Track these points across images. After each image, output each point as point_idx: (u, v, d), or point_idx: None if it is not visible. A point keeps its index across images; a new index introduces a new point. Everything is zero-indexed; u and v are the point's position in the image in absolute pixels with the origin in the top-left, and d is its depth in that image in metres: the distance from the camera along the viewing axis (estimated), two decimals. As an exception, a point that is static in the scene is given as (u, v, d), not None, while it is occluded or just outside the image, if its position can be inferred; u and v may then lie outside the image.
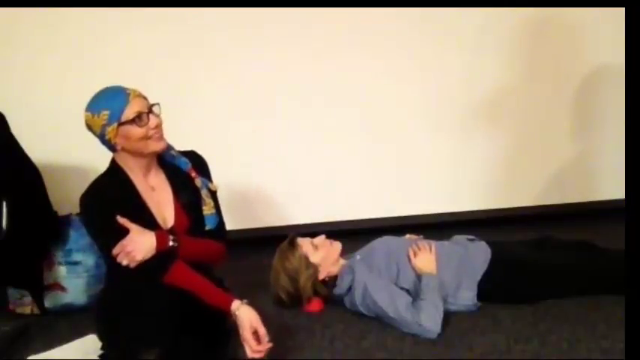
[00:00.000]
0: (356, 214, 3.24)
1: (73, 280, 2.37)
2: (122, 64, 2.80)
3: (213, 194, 1.94)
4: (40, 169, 2.35)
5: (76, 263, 2.37)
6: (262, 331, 1.73)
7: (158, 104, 1.80)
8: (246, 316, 1.73)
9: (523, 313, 2.12)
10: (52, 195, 2.39)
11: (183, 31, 2.89)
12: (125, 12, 2.79)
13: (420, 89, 3.19)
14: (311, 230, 2.46)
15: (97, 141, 1.78)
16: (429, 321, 1.98)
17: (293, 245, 2.25)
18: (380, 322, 2.09)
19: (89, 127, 1.78)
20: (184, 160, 1.91)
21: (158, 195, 1.87)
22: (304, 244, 2.26)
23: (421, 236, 2.43)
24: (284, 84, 3.05)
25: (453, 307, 2.14)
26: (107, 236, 1.75)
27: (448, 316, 2.06)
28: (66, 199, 2.45)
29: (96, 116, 1.73)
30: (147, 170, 1.86)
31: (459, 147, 3.29)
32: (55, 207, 2.43)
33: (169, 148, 1.90)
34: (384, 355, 1.89)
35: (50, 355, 1.95)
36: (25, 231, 2.21)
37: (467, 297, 2.17)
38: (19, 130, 2.25)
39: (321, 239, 2.29)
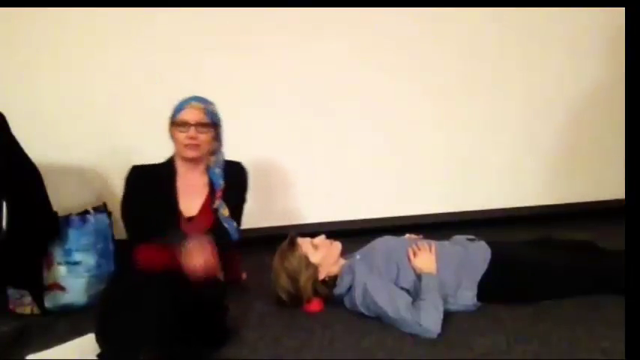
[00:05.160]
0: (356, 214, 3.24)
1: (73, 280, 2.36)
2: (123, 64, 2.80)
3: (234, 211, 2.24)
4: (40, 169, 2.34)
5: (76, 263, 2.37)
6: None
7: (213, 128, 2.20)
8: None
9: (523, 313, 2.12)
10: (52, 195, 2.39)
11: (184, 31, 2.89)
12: (126, 12, 2.79)
13: (421, 90, 3.19)
14: (311, 230, 2.46)
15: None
16: (429, 321, 1.98)
17: (293, 245, 2.25)
18: (380, 322, 2.09)
19: None
20: (220, 182, 2.26)
21: (192, 189, 2.22)
22: (304, 244, 2.25)
23: (421, 236, 2.43)
24: (284, 85, 3.05)
25: (453, 307, 2.14)
26: (131, 202, 2.16)
27: (448, 316, 2.05)
28: (66, 199, 2.45)
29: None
30: (190, 170, 2.25)
31: (459, 147, 3.30)
32: (55, 207, 2.43)
33: (217, 165, 2.27)
34: (384, 355, 1.89)
35: (49, 355, 1.94)
36: (25, 231, 2.20)
37: (467, 297, 2.17)
38: (19, 130, 2.25)
39: (321, 239, 2.29)
